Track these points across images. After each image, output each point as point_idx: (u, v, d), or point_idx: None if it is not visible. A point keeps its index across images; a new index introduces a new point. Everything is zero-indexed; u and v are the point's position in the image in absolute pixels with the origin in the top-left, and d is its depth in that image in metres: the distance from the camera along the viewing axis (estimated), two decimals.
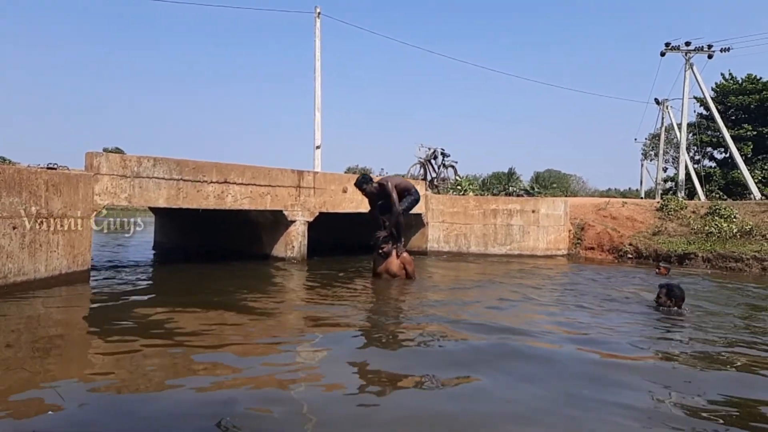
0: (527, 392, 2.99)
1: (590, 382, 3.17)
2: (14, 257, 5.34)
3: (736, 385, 3.27)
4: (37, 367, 3.16)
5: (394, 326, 4.58)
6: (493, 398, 2.90)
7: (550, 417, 2.66)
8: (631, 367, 3.53)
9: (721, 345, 4.16)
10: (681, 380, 3.30)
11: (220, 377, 3.10)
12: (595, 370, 3.43)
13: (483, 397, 2.90)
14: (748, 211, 12.28)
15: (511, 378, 3.25)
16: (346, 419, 2.58)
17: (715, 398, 2.97)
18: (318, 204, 9.29)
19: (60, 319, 4.63)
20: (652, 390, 3.07)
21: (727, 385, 3.23)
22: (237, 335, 4.10)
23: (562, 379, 3.23)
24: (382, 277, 6.90)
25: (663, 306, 5.24)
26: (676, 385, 3.21)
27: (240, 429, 2.38)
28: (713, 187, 27.17)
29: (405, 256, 7.02)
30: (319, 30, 17.10)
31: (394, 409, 2.72)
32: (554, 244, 11.90)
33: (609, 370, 3.46)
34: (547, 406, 2.80)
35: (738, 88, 30.22)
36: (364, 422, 2.56)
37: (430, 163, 14.82)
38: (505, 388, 3.07)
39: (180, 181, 7.39)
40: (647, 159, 42.63)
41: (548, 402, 2.85)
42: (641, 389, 3.08)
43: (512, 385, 3.12)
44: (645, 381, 3.22)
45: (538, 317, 5.24)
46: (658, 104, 34.17)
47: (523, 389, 3.04)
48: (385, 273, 6.90)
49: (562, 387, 3.08)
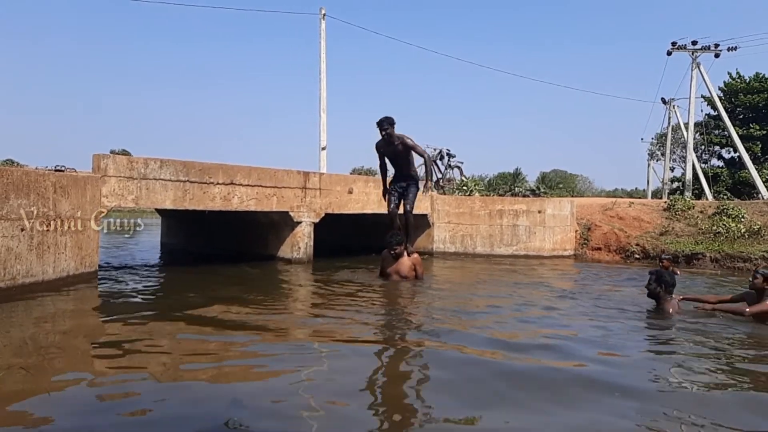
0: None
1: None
2: (23, 259, 5.38)
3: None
4: (44, 369, 3.17)
5: (404, 340, 4.35)
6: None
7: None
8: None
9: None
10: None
11: (225, 379, 3.10)
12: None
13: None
14: (756, 211, 12.19)
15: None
16: (353, 420, 2.58)
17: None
18: (324, 205, 9.30)
19: (67, 321, 4.65)
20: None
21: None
22: (243, 338, 4.10)
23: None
24: (392, 278, 6.78)
25: (653, 293, 5.27)
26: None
27: (248, 428, 2.39)
28: (721, 187, 27.01)
29: (416, 257, 6.97)
30: (324, 31, 17.14)
31: (401, 414, 2.71)
32: (561, 244, 11.85)
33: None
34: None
35: (746, 87, 30.04)
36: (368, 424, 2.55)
37: (436, 164, 14.82)
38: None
39: (186, 182, 7.42)
40: (653, 159, 42.42)
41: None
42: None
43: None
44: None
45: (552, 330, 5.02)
46: (664, 104, 33.99)
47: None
48: (395, 274, 6.79)
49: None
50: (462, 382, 3.13)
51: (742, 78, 30.75)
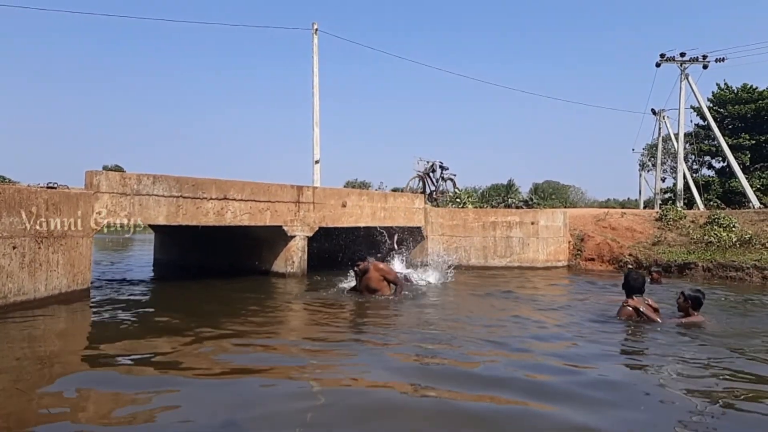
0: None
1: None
2: (14, 277, 5.35)
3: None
4: (36, 389, 3.15)
5: (399, 351, 4.52)
6: None
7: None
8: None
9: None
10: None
11: (219, 399, 3.09)
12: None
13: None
14: (747, 220, 12.30)
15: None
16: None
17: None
18: (318, 219, 9.31)
19: (59, 341, 4.61)
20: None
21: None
22: (235, 355, 4.09)
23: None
24: (364, 295, 6.65)
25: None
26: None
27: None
28: (712, 196, 27.22)
29: (381, 266, 6.76)
30: (316, 46, 17.26)
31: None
32: (554, 255, 11.90)
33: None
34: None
35: (734, 98, 30.44)
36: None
37: (429, 177, 14.86)
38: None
39: (180, 198, 7.42)
40: (645, 169, 42.71)
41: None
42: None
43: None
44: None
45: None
46: (654, 115, 34.33)
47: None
48: (365, 290, 6.67)
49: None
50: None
51: (730, 89, 31.14)
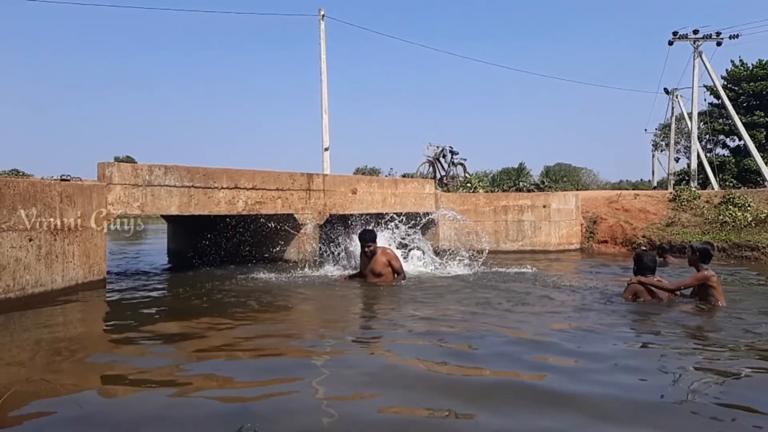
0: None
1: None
2: (31, 269, 5.42)
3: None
4: (57, 377, 3.20)
5: (408, 339, 4.54)
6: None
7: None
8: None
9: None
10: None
11: (236, 387, 3.12)
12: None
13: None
14: (762, 199, 12.14)
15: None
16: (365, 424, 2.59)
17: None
18: (328, 206, 9.32)
19: (78, 330, 4.69)
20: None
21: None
22: (251, 345, 4.12)
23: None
24: (368, 279, 6.69)
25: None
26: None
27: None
28: (727, 175, 26.88)
29: (389, 252, 6.84)
30: (323, 32, 17.16)
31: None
32: (566, 238, 11.82)
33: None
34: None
35: (749, 75, 29.87)
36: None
37: (439, 162, 14.81)
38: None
39: (191, 188, 7.45)
40: (658, 150, 42.21)
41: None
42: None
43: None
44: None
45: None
46: (667, 94, 33.86)
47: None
48: (370, 274, 6.71)
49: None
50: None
51: (745, 65, 30.56)
